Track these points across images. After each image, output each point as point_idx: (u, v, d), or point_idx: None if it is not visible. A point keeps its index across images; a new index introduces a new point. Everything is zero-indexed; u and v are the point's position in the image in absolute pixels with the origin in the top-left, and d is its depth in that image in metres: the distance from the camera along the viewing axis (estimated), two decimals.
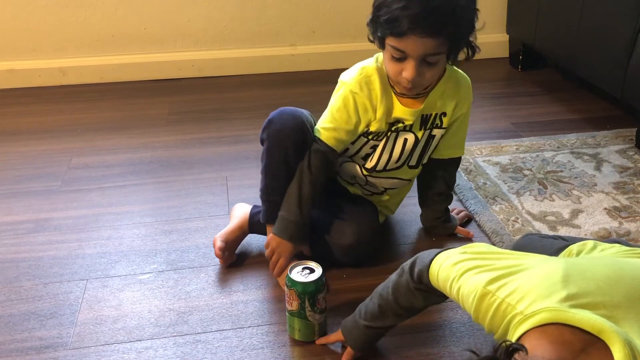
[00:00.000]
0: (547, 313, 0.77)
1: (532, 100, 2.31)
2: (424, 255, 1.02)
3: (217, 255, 1.40)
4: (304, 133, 1.29)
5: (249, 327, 1.24)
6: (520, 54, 2.59)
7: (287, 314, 1.19)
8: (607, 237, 1.47)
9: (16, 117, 2.23)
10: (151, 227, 1.57)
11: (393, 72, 1.23)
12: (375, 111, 1.29)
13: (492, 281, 0.86)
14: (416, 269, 1.01)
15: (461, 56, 1.27)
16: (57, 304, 1.31)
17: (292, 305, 1.16)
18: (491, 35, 2.71)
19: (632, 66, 1.86)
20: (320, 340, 1.19)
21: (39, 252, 1.48)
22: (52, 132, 2.10)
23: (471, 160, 1.84)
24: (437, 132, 1.36)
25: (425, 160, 1.40)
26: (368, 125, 1.31)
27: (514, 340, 0.80)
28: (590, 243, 1.02)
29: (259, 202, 1.54)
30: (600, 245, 1.01)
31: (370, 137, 1.34)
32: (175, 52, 2.55)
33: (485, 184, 1.72)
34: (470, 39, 1.24)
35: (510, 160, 1.84)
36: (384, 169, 1.38)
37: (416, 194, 1.55)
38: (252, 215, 1.45)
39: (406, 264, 1.05)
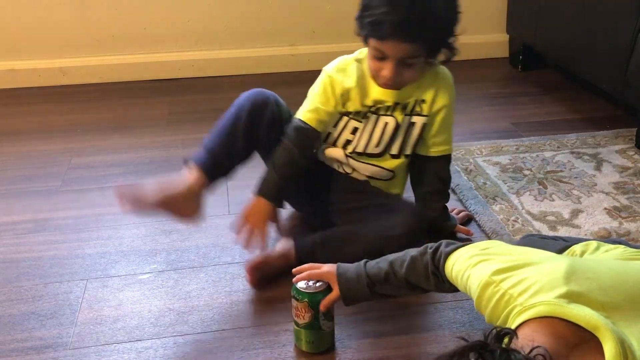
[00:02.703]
0: (544, 306, 0.78)
1: (532, 100, 2.31)
2: (447, 243, 1.04)
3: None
4: (265, 104, 1.37)
5: (249, 327, 1.24)
6: (520, 54, 2.59)
7: (295, 328, 1.16)
8: (607, 237, 1.47)
9: (16, 117, 2.24)
10: (151, 227, 1.57)
11: (374, 69, 1.32)
12: (349, 92, 1.36)
13: (498, 272, 0.88)
14: (437, 254, 1.03)
15: (441, 57, 1.35)
16: (57, 304, 1.31)
17: (305, 317, 1.13)
18: (491, 35, 2.72)
19: (632, 66, 1.86)
20: (309, 273, 1.15)
21: (39, 252, 1.48)
22: (52, 132, 2.10)
23: (471, 160, 1.84)
24: (417, 120, 1.38)
25: (407, 152, 1.41)
26: (345, 105, 1.37)
27: None
28: (593, 243, 1.02)
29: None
30: (604, 246, 1.01)
31: (350, 116, 1.38)
32: (175, 52, 2.55)
33: (485, 184, 1.72)
34: (450, 42, 1.31)
35: (510, 160, 1.84)
36: (364, 152, 1.39)
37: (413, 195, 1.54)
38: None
39: (431, 246, 1.06)
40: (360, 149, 1.40)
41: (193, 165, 1.35)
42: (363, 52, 1.38)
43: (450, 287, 1.04)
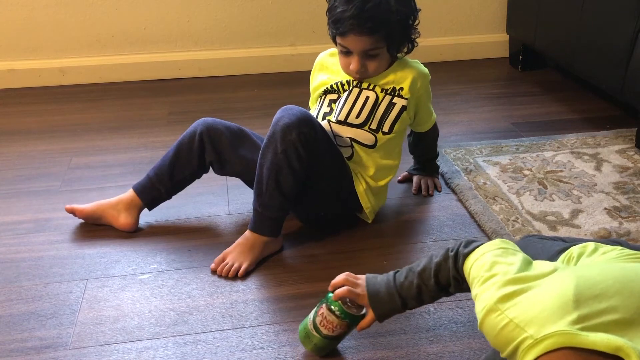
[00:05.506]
0: (558, 337, 0.76)
1: (532, 100, 2.31)
2: (466, 243, 1.03)
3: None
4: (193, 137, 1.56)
5: (249, 327, 1.24)
6: (520, 54, 2.59)
7: (312, 332, 1.14)
8: (607, 237, 1.47)
9: (16, 117, 2.24)
10: (151, 227, 1.57)
11: (343, 65, 1.50)
12: (333, 67, 1.57)
13: (504, 298, 0.85)
14: (458, 257, 1.03)
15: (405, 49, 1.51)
16: (57, 304, 1.31)
17: (334, 332, 1.13)
18: (491, 35, 2.72)
19: (632, 66, 1.86)
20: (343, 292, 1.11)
21: (39, 252, 1.48)
22: (52, 132, 2.10)
23: (471, 160, 1.84)
24: (398, 101, 1.50)
25: (386, 129, 1.51)
26: (328, 79, 1.55)
27: None
28: (590, 245, 1.01)
29: None
30: (602, 248, 1.00)
31: (330, 90, 1.54)
32: (175, 52, 2.55)
33: (485, 184, 1.72)
34: (408, 34, 1.47)
35: (510, 160, 1.84)
36: (345, 121, 1.50)
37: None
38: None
39: (451, 249, 1.05)
40: (341, 118, 1.50)
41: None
42: None
43: (467, 287, 1.02)
